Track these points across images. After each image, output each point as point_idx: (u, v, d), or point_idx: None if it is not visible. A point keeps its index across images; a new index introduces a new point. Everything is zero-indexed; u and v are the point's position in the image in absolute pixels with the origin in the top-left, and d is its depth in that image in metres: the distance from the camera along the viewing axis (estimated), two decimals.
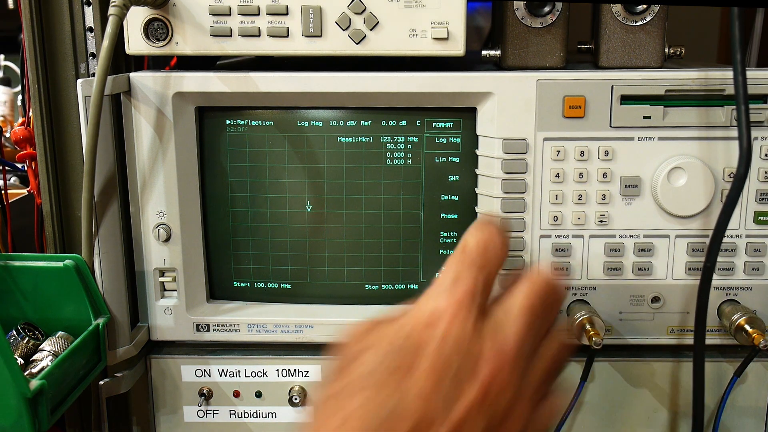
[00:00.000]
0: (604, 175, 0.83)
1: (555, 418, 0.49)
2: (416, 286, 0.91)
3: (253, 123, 0.87)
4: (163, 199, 0.85)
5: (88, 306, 0.81)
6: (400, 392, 0.43)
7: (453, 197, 0.88)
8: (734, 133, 0.78)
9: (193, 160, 0.86)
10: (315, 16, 0.79)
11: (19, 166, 1.15)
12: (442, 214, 0.88)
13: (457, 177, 0.87)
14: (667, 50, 0.86)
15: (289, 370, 0.90)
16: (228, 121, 0.87)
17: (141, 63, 0.93)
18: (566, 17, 0.85)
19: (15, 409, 0.66)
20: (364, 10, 0.79)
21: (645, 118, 0.82)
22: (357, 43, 0.80)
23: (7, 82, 1.71)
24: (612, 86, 0.81)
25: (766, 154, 0.82)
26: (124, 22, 0.79)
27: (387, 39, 0.80)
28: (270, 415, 0.91)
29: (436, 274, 0.90)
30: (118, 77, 0.80)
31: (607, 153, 0.82)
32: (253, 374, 0.90)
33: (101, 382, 0.86)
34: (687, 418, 0.87)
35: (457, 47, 0.80)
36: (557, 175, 0.83)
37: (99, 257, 0.82)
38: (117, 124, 0.84)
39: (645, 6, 0.84)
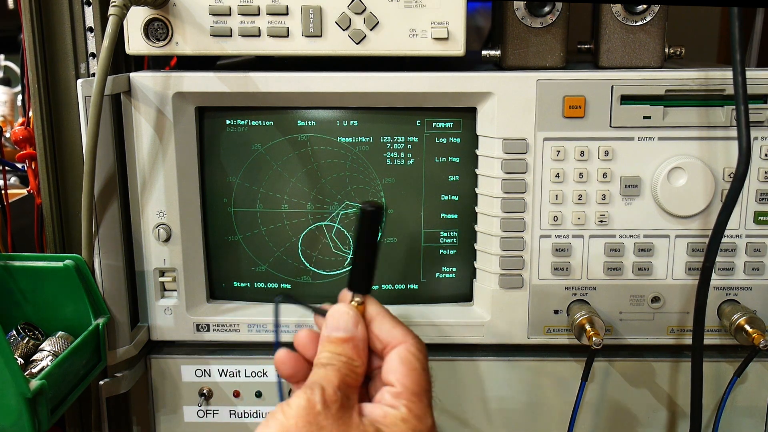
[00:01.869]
0: (604, 175, 0.83)
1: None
2: (416, 286, 0.91)
3: (253, 123, 0.87)
4: (163, 199, 0.85)
5: (88, 306, 0.81)
6: None
7: (453, 197, 0.88)
8: (734, 133, 0.78)
9: (193, 160, 0.86)
10: (315, 16, 0.79)
11: (19, 166, 1.15)
12: (442, 214, 0.88)
13: (457, 177, 0.87)
14: (667, 50, 0.86)
15: None
16: (228, 121, 0.87)
17: (141, 63, 0.93)
18: (566, 17, 0.85)
19: (15, 409, 0.66)
20: (364, 10, 0.79)
21: (645, 118, 0.82)
22: (357, 43, 0.80)
23: (7, 82, 1.71)
24: (612, 86, 0.81)
25: (766, 154, 0.82)
26: (124, 22, 0.79)
27: (387, 39, 0.80)
28: None
29: (436, 275, 0.90)
30: (118, 77, 0.80)
31: (607, 153, 0.82)
32: (253, 374, 0.90)
33: (101, 382, 0.86)
34: (687, 418, 0.87)
35: (457, 47, 0.80)
36: (557, 175, 0.83)
37: (99, 257, 0.82)
38: (117, 124, 0.84)
39: (645, 6, 0.84)
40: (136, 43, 0.81)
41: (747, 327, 0.82)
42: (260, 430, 0.49)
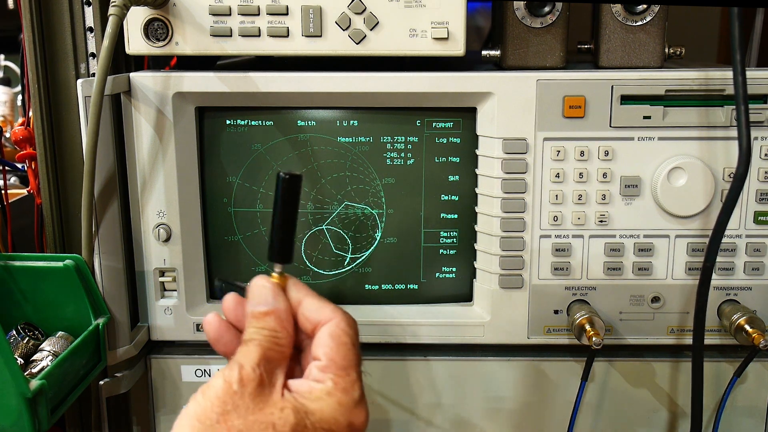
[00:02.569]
0: (604, 175, 0.83)
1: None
2: (416, 286, 0.91)
3: (253, 123, 0.87)
4: (163, 199, 0.85)
5: (88, 306, 0.81)
6: None
7: (453, 197, 0.88)
8: (734, 133, 0.78)
9: (193, 160, 0.86)
10: (315, 16, 0.79)
11: (19, 166, 1.15)
12: (442, 214, 0.88)
13: (457, 177, 0.87)
14: (667, 50, 0.86)
15: None
16: (228, 121, 0.87)
17: (141, 63, 0.93)
18: (566, 17, 0.85)
19: (15, 409, 0.66)
20: (364, 10, 0.79)
21: (645, 118, 0.82)
22: (357, 43, 0.80)
23: (7, 82, 1.71)
24: (612, 86, 0.81)
25: (766, 154, 0.82)
26: (124, 22, 0.79)
27: (387, 39, 0.80)
28: None
29: (436, 275, 0.90)
30: (118, 77, 0.80)
31: (607, 153, 0.82)
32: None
33: (101, 382, 0.86)
34: (687, 418, 0.87)
35: (457, 47, 0.80)
36: (557, 175, 0.83)
37: (99, 257, 0.82)
38: (117, 124, 0.84)
39: (645, 6, 0.84)
40: (136, 43, 0.81)
41: (747, 327, 0.82)
42: (181, 413, 0.48)
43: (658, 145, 0.82)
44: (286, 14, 0.79)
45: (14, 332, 0.79)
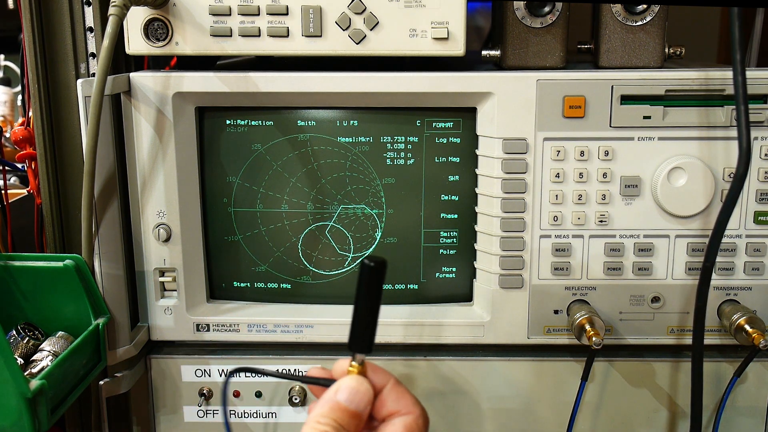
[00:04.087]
0: (604, 175, 0.83)
1: None
2: (416, 286, 0.91)
3: (253, 123, 0.87)
4: (163, 199, 0.85)
5: (88, 306, 0.81)
6: None
7: (453, 197, 0.88)
8: (734, 133, 0.78)
9: (193, 160, 0.86)
10: (315, 16, 0.79)
11: (19, 166, 1.15)
12: (442, 214, 0.88)
13: (457, 177, 0.87)
14: (667, 50, 0.86)
15: (289, 370, 0.90)
16: (228, 121, 0.87)
17: (141, 63, 0.93)
18: (566, 17, 0.85)
19: (15, 409, 0.66)
20: (364, 10, 0.79)
21: (645, 118, 0.82)
22: (357, 43, 0.80)
23: (7, 82, 1.71)
24: (612, 86, 0.81)
25: (766, 154, 0.82)
26: (124, 22, 0.79)
27: (387, 39, 0.80)
28: (270, 415, 0.91)
29: (436, 275, 0.90)
30: (118, 77, 0.80)
31: (607, 153, 0.82)
32: (253, 374, 0.90)
33: (101, 382, 0.86)
34: (687, 418, 0.87)
35: (457, 47, 0.80)
36: (557, 175, 0.83)
37: (99, 257, 0.82)
38: (117, 124, 0.84)
39: (645, 6, 0.84)
40: (136, 43, 0.81)
41: (747, 327, 0.82)
42: None
43: (658, 145, 0.82)
44: (286, 14, 0.79)
45: (14, 332, 0.79)
